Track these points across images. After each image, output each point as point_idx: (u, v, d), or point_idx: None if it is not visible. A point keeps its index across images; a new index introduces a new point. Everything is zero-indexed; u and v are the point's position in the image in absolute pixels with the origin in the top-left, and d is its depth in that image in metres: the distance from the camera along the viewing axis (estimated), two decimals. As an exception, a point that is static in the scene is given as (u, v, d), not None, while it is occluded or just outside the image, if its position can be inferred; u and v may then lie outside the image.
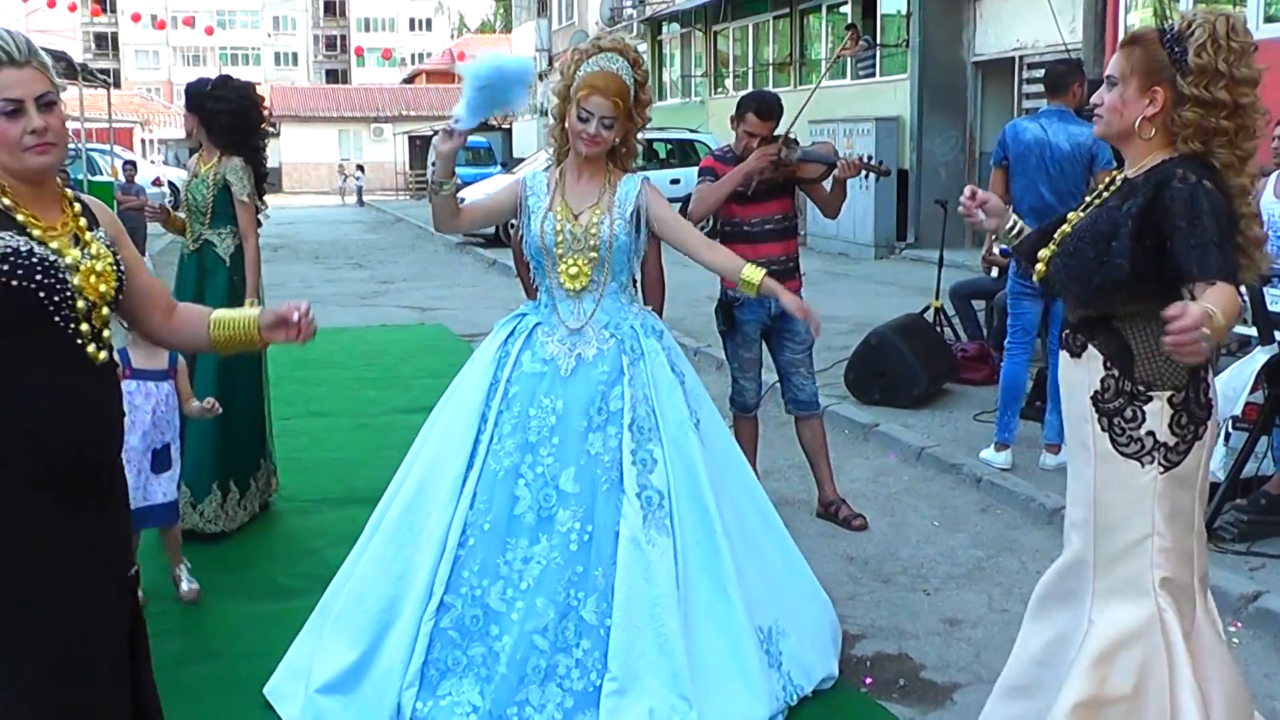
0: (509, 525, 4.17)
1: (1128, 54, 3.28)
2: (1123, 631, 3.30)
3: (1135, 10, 14.55)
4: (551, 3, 42.95)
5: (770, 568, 4.47)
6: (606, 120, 4.27)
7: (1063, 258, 3.35)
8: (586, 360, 4.31)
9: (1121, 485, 3.29)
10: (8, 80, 2.75)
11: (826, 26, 23.41)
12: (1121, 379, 3.27)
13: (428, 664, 4.12)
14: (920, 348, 9.09)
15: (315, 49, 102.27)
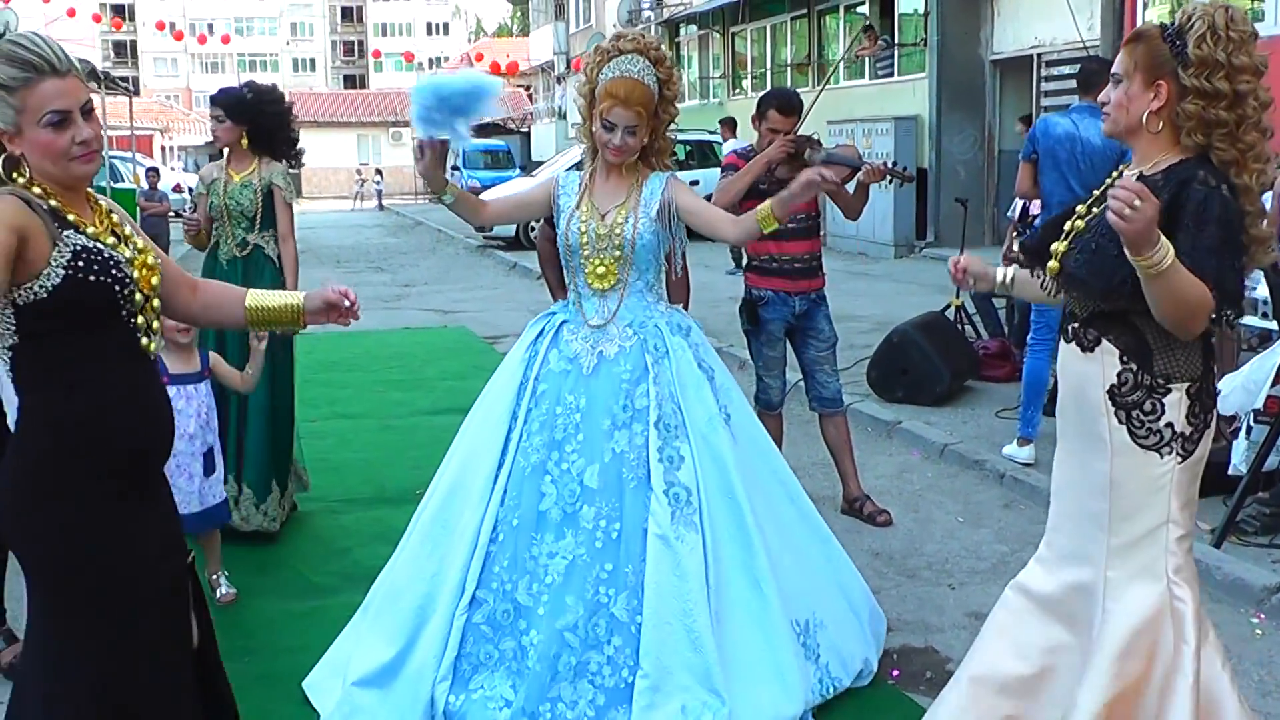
0: (536, 521, 4.22)
1: (1131, 51, 3.31)
2: (1140, 619, 3.33)
3: (1153, 6, 14.56)
4: (569, 6, 43.06)
5: (807, 560, 4.51)
6: (630, 129, 4.30)
7: (1084, 254, 3.35)
8: (608, 358, 4.34)
9: (1140, 476, 3.31)
10: (53, 91, 2.78)
11: (844, 27, 23.46)
12: (1140, 373, 3.29)
13: (460, 658, 4.17)
14: (942, 345, 9.14)
15: (333, 54, 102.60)
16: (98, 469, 2.86)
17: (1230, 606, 5.26)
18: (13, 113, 2.78)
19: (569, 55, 41.48)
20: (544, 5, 46.19)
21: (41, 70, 2.78)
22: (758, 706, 4.09)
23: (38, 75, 2.78)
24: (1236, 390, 5.80)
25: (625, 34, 4.55)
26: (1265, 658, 4.81)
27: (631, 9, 32.93)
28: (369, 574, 5.46)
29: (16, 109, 2.78)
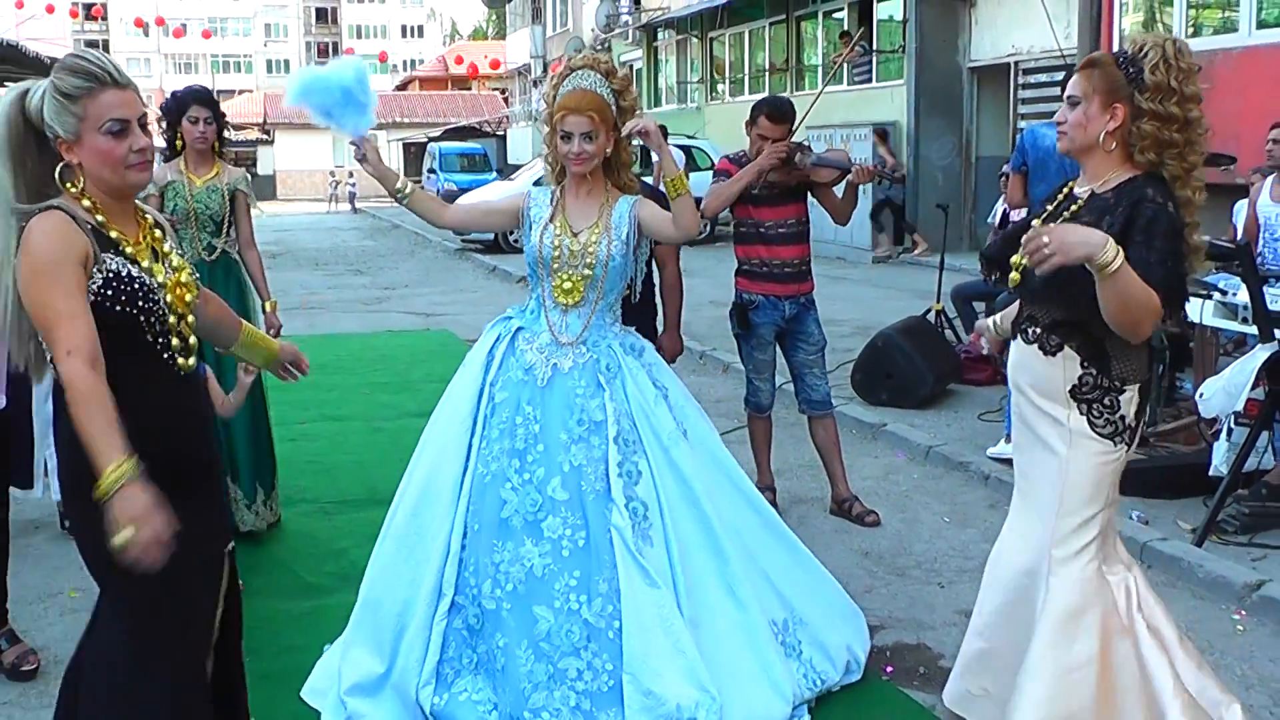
0: (497, 528, 4.27)
1: (1088, 76, 3.62)
2: (1080, 595, 3.66)
3: (1129, 14, 14.74)
4: (545, 10, 43.07)
5: (776, 562, 4.60)
6: (587, 135, 4.37)
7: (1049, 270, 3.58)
8: (562, 371, 4.38)
9: (1092, 462, 3.65)
10: (114, 101, 2.90)
11: (822, 32, 23.60)
12: (1099, 376, 3.64)
13: (443, 662, 4.24)
14: (925, 349, 9.26)
15: (307, 56, 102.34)
16: None
17: (1212, 603, 5.38)
18: (75, 120, 2.89)
19: (546, 59, 41.55)
20: (521, 9, 46.21)
21: (103, 81, 2.91)
22: (748, 705, 4.19)
23: (99, 85, 2.90)
24: (1218, 394, 5.92)
25: (576, 55, 4.69)
26: (1247, 653, 4.93)
27: (609, 13, 33.04)
28: (363, 573, 5.56)
29: (79, 117, 2.89)
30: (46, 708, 4.51)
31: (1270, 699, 4.55)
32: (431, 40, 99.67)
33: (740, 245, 6.49)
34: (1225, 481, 6.00)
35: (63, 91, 2.89)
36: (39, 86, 2.94)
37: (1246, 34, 12.70)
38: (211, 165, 6.34)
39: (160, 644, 3.04)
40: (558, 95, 4.46)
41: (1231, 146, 9.90)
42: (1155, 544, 5.86)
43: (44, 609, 5.42)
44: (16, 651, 4.80)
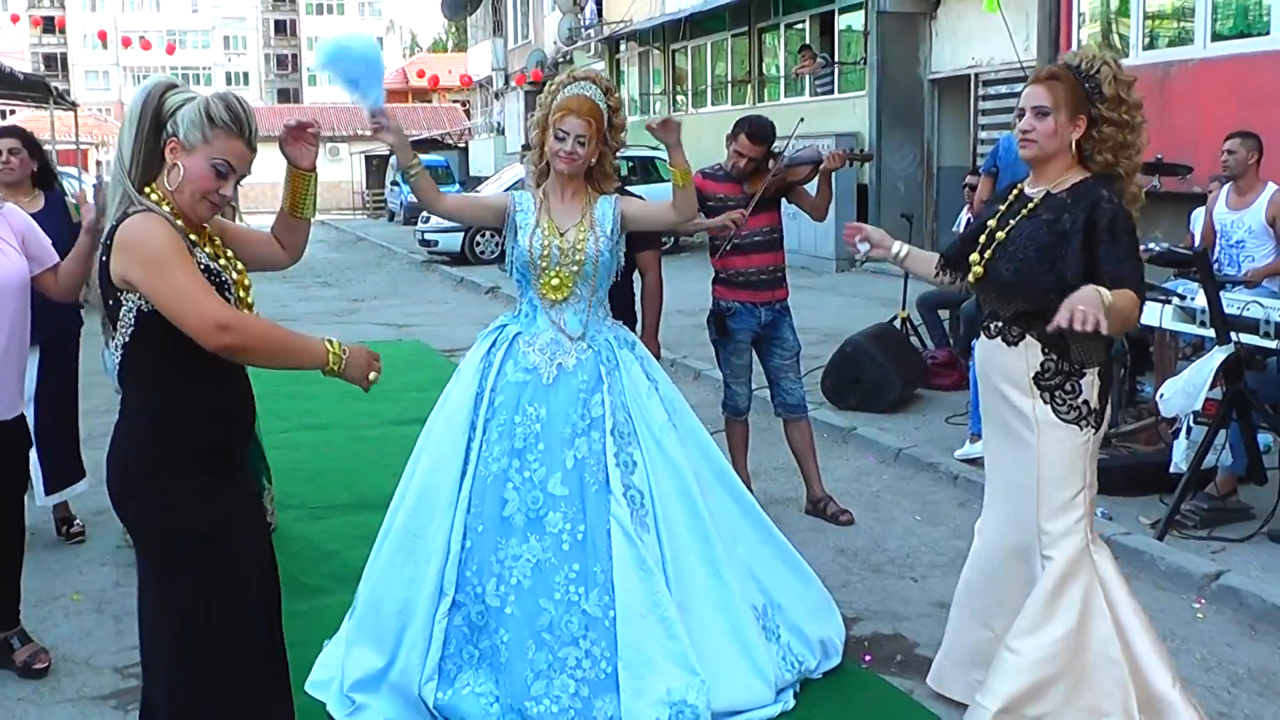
0: (500, 526, 4.44)
1: (1053, 89, 3.96)
2: (1068, 571, 3.98)
3: (1087, 26, 15.03)
4: (507, 22, 43.18)
5: (756, 550, 4.84)
6: (581, 138, 4.60)
7: (1012, 263, 4.00)
8: (567, 369, 4.58)
9: (1062, 447, 3.99)
10: (235, 150, 3.23)
11: (784, 44, 23.84)
12: (1060, 361, 3.98)
13: (444, 659, 4.41)
14: (893, 355, 9.49)
15: (266, 68, 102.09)
16: (186, 454, 3.20)
17: (1173, 593, 5.63)
18: (201, 139, 3.18)
19: (507, 71, 41.65)
20: (482, 21, 46.27)
21: (242, 134, 3.23)
22: (732, 684, 4.43)
23: (238, 133, 3.22)
24: (1177, 394, 6.16)
25: (577, 69, 4.94)
26: (1206, 638, 5.18)
27: (571, 26, 33.18)
28: (357, 575, 5.70)
29: (206, 139, 3.18)
30: (59, 703, 4.72)
31: (1228, 680, 4.79)
32: (391, 53, 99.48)
33: (717, 258, 6.69)
34: (1184, 478, 6.25)
35: (211, 115, 3.18)
36: (186, 94, 3.21)
37: (1201, 46, 12.97)
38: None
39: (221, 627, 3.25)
40: (558, 98, 4.67)
41: (1189, 156, 10.19)
42: (1119, 538, 6.10)
43: (48, 612, 5.57)
44: (29, 650, 4.96)
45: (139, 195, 3.18)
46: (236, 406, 3.35)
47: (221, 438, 3.28)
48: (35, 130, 6.74)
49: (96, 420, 9.64)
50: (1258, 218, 7.98)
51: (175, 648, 3.27)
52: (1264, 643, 5.13)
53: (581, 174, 4.72)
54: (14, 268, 4.77)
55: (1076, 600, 3.98)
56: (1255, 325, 6.23)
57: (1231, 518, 6.37)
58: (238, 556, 3.31)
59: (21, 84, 19.14)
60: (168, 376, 3.20)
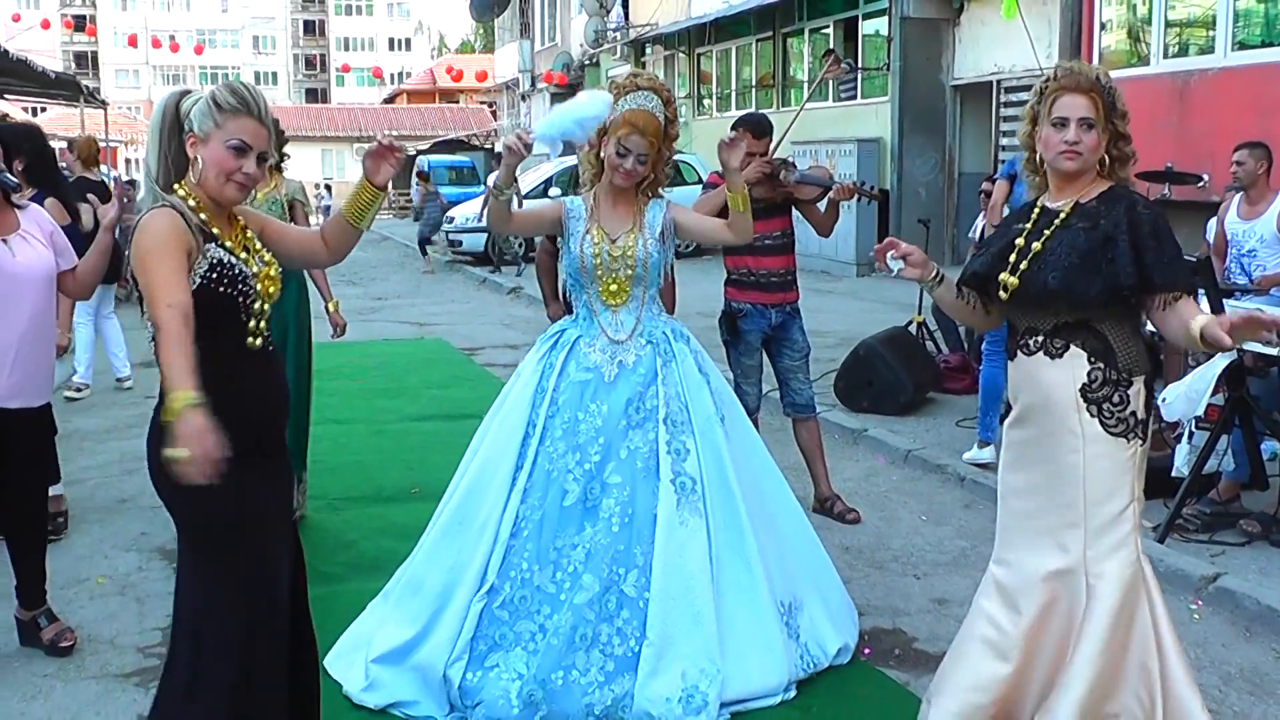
0: (560, 517, 4.64)
1: (1094, 101, 3.86)
2: (1124, 590, 3.82)
3: (1109, 33, 15.10)
4: (534, 24, 43.38)
5: (789, 548, 4.97)
6: (642, 157, 4.79)
7: (1057, 271, 3.82)
8: (627, 366, 4.80)
9: (1110, 462, 3.83)
10: (246, 127, 3.38)
11: (808, 48, 23.95)
12: (1108, 370, 3.83)
13: (476, 639, 4.56)
14: (906, 358, 9.61)
15: (295, 68, 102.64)
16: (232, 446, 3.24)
17: (1171, 595, 5.69)
18: (212, 124, 3.35)
19: (534, 73, 41.83)
20: (509, 23, 46.50)
21: (250, 110, 3.38)
22: (747, 675, 4.57)
23: (245, 111, 3.38)
24: (1179, 398, 6.27)
25: (640, 73, 5.06)
26: (1201, 638, 5.29)
27: (598, 29, 33.33)
28: (374, 563, 5.92)
29: (217, 124, 3.35)
30: (83, 680, 4.89)
31: (1220, 679, 4.91)
32: (419, 53, 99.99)
33: (729, 256, 6.83)
34: (1185, 483, 6.36)
35: (216, 101, 3.36)
36: (196, 93, 3.42)
37: (1223, 55, 13.04)
38: (270, 178, 6.69)
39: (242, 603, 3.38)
40: (621, 107, 4.77)
41: (1206, 165, 10.29)
42: (1120, 540, 6.20)
43: (74, 594, 5.74)
44: (55, 629, 5.13)
45: (163, 193, 3.35)
46: (265, 392, 3.48)
47: (250, 423, 3.38)
48: (66, 128, 6.89)
49: (120, 413, 9.86)
50: (1269, 227, 8.05)
51: (196, 622, 3.41)
52: (1257, 644, 5.24)
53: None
54: (42, 260, 4.99)
55: (1129, 614, 3.85)
56: (1258, 332, 6.32)
57: (1234, 522, 6.46)
58: (265, 543, 3.44)
59: (53, 82, 19.43)
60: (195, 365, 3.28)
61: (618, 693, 4.43)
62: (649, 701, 4.40)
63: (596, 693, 4.43)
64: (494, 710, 4.41)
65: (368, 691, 4.65)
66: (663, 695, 4.41)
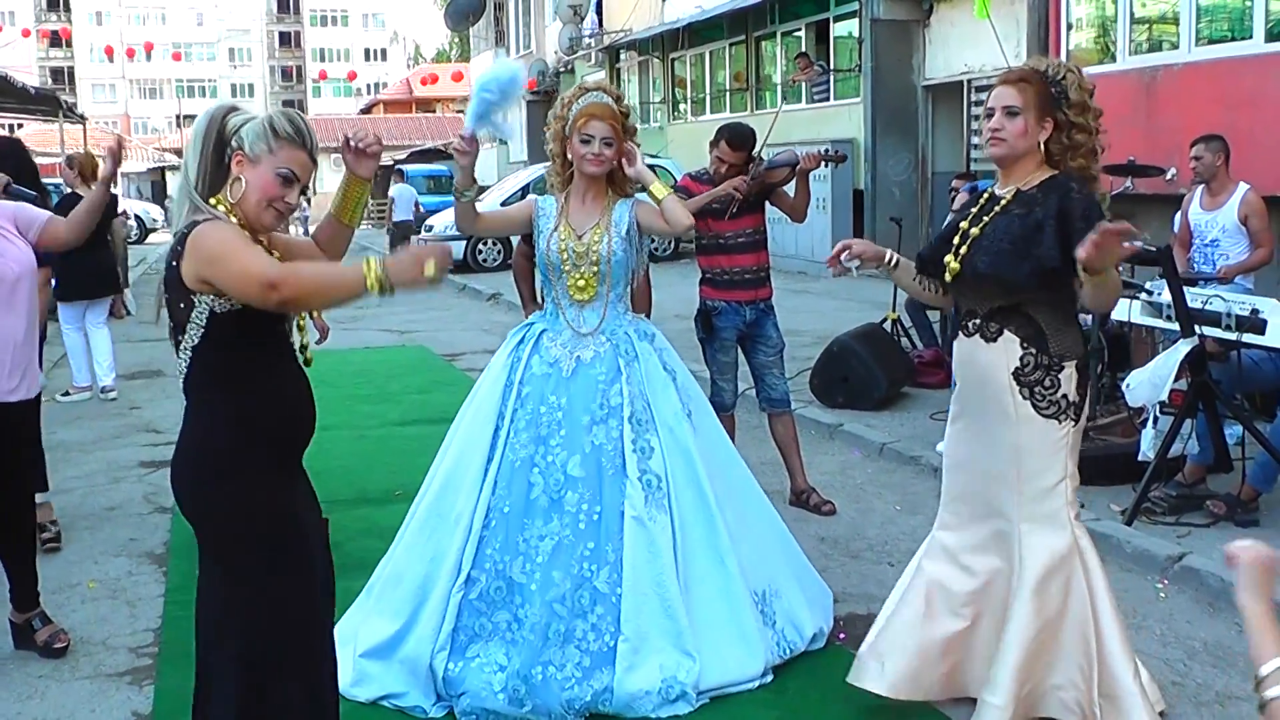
0: (526, 508, 4.76)
1: (1023, 90, 4.09)
2: (1052, 560, 4.09)
3: (1077, 32, 15.27)
4: (509, 33, 43.46)
5: (760, 537, 5.10)
6: (607, 139, 4.94)
7: (988, 256, 4.09)
8: (585, 362, 4.92)
9: (1042, 441, 4.09)
10: (298, 159, 3.42)
11: (781, 51, 24.10)
12: (1039, 355, 4.08)
13: (457, 630, 4.69)
14: (880, 354, 9.76)
15: (271, 80, 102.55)
16: (259, 452, 3.37)
17: (1138, 575, 5.90)
18: (266, 150, 3.37)
19: (510, 81, 41.84)
20: (484, 32, 46.54)
21: (304, 145, 3.43)
22: (724, 665, 4.71)
23: (300, 145, 3.42)
24: (1144, 384, 6.42)
25: (587, 80, 5.34)
26: (1166, 615, 5.45)
27: (572, 36, 33.45)
28: (359, 564, 6.00)
29: (271, 150, 3.38)
30: (77, 680, 5.00)
31: (1184, 654, 5.06)
32: (395, 63, 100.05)
33: (703, 255, 6.98)
34: (1151, 467, 6.51)
35: (275, 128, 3.38)
36: (245, 113, 3.43)
37: (1187, 50, 13.22)
38: None
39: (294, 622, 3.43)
40: (576, 106, 4.99)
41: (1174, 159, 10.43)
42: (1089, 523, 6.22)
43: (65, 598, 5.85)
44: (49, 631, 5.25)
45: (206, 205, 3.37)
46: (300, 405, 3.52)
47: (289, 436, 3.47)
48: (43, 144, 7.01)
49: (106, 424, 9.96)
50: (1230, 217, 8.24)
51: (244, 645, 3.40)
52: (1220, 619, 5.38)
53: (604, 178, 5.04)
54: (23, 254, 5.17)
55: (1060, 586, 4.08)
56: (1218, 319, 6.49)
57: (1200, 504, 6.61)
58: (306, 552, 3.50)
59: (32, 98, 19.47)
60: (236, 377, 3.35)
61: (597, 687, 4.56)
62: (629, 695, 4.54)
63: (576, 688, 4.55)
64: (479, 700, 4.54)
65: (357, 686, 4.75)
66: (642, 689, 4.55)
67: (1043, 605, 4.07)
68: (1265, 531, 6.31)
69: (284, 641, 3.42)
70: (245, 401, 3.35)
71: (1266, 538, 6.09)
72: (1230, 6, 13.26)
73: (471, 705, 4.55)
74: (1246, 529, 6.34)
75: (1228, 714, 4.55)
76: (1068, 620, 4.11)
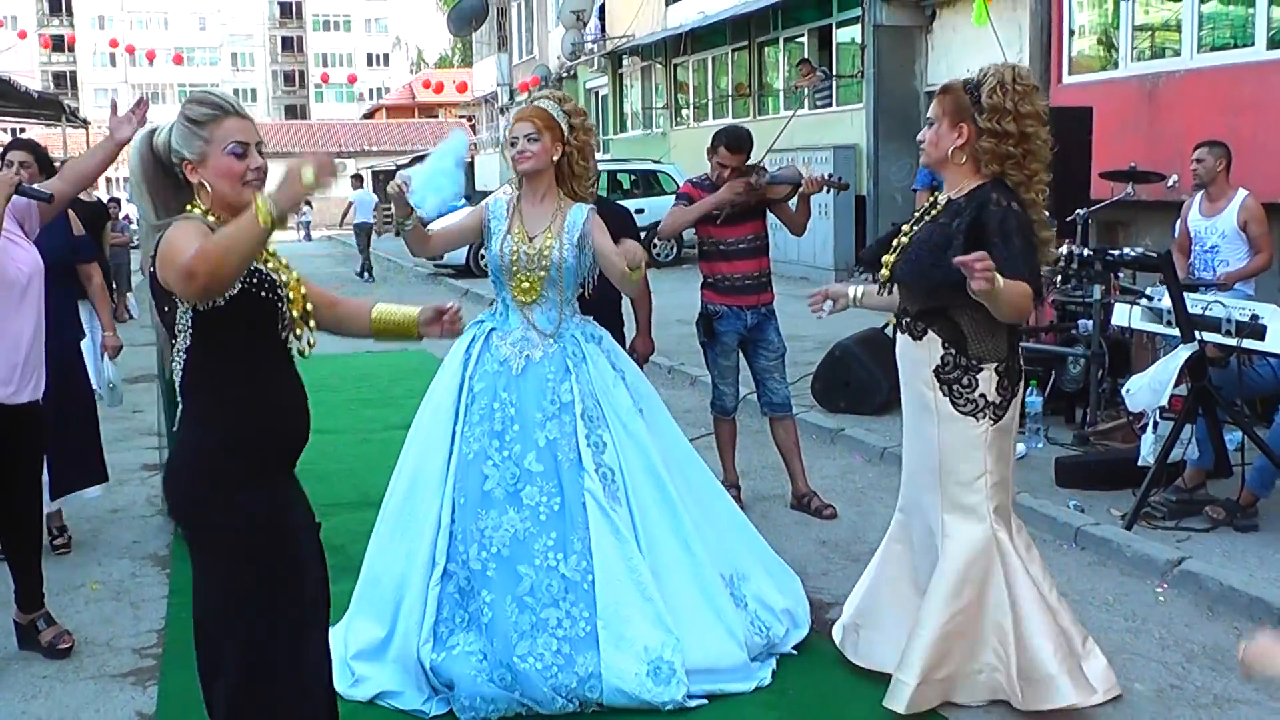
0: (480, 499, 4.80)
1: (941, 100, 4.27)
2: (971, 552, 4.32)
3: (1079, 39, 15.31)
4: (512, 38, 43.56)
5: (720, 524, 5.19)
6: (530, 135, 5.01)
7: (907, 263, 4.32)
8: (534, 361, 4.96)
9: (960, 437, 4.30)
10: (235, 128, 3.33)
11: (784, 57, 24.15)
12: (958, 355, 4.27)
13: (439, 622, 4.75)
14: (881, 358, 9.71)
15: (274, 85, 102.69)
16: (253, 458, 3.33)
17: (1138, 579, 5.91)
18: (201, 143, 3.30)
19: (512, 86, 41.99)
20: (487, 37, 46.65)
21: (226, 111, 3.35)
22: (705, 644, 4.79)
23: (223, 114, 3.34)
24: (1143, 390, 6.44)
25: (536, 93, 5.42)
26: (1166, 619, 5.47)
27: (574, 41, 33.54)
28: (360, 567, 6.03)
29: (205, 140, 3.30)
30: (81, 680, 5.03)
31: (1183, 657, 5.08)
32: (398, 68, 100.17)
33: (704, 261, 7.01)
34: (1151, 471, 6.53)
35: (192, 119, 3.31)
36: (165, 125, 3.37)
37: (1189, 57, 13.26)
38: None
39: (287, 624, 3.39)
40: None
41: (1175, 165, 10.46)
42: (1089, 528, 6.40)
43: (70, 600, 5.88)
44: (53, 632, 5.28)
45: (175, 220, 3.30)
46: (294, 410, 3.48)
47: (282, 441, 3.43)
48: (47, 148, 7.05)
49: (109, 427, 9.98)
50: (1229, 223, 8.25)
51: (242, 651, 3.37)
52: (1219, 623, 5.41)
53: (549, 176, 5.10)
54: (31, 256, 5.18)
55: (978, 576, 4.31)
56: (1218, 324, 6.51)
57: (1198, 509, 6.63)
58: (302, 556, 3.47)
59: (35, 102, 19.53)
60: (230, 380, 3.30)
61: (582, 674, 4.61)
62: (618, 678, 4.60)
63: (560, 674, 4.60)
64: (473, 688, 4.58)
65: (354, 687, 4.80)
66: (630, 670, 4.61)
67: (957, 592, 4.29)
68: (1264, 536, 6.34)
69: (275, 646, 3.38)
70: (238, 406, 3.31)
71: (1265, 542, 6.16)
72: (1232, 14, 13.31)
73: (467, 696, 4.59)
74: (1245, 534, 6.37)
75: (1226, 717, 4.58)
76: (985, 608, 4.32)
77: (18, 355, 5.03)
